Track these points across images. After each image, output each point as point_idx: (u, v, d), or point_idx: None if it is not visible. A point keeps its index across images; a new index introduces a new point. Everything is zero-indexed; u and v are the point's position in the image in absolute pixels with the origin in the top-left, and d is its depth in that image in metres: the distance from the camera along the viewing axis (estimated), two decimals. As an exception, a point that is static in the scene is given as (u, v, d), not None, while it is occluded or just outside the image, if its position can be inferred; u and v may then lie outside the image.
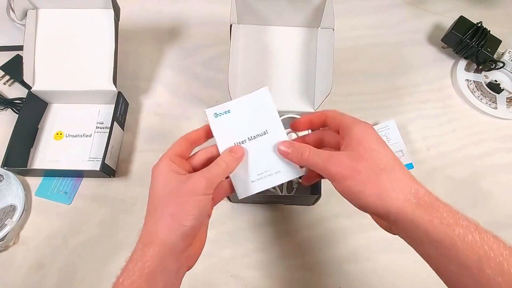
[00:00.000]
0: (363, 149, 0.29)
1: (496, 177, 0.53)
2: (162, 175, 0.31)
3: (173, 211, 0.29)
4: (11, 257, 0.47)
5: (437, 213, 0.26)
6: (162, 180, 0.31)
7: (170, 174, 0.31)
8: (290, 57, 0.50)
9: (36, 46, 0.52)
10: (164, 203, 0.30)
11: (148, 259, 0.28)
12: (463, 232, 0.25)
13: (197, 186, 0.30)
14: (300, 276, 0.47)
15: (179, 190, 0.30)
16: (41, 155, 0.53)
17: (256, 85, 0.50)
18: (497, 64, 0.59)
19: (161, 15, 0.67)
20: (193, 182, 0.30)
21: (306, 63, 0.50)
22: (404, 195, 0.27)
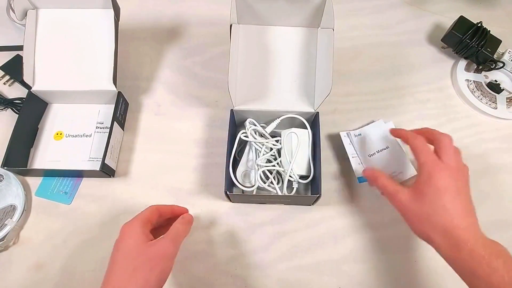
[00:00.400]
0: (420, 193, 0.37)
1: (496, 177, 0.53)
2: (134, 236, 0.35)
3: (144, 276, 0.33)
4: (11, 257, 0.47)
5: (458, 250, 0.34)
6: (134, 240, 0.35)
7: (141, 236, 0.35)
8: (290, 57, 0.50)
9: (36, 46, 0.52)
10: (134, 267, 0.33)
11: None
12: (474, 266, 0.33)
13: (167, 251, 0.35)
14: (300, 276, 0.47)
15: (147, 253, 0.34)
16: (41, 155, 0.53)
17: (256, 85, 0.50)
18: (497, 64, 0.59)
19: (161, 15, 0.67)
20: (162, 248, 0.35)
21: (306, 63, 0.50)
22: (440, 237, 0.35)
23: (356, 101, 0.59)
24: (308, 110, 0.49)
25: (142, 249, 0.34)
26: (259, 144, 0.49)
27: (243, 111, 0.50)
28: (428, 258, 0.47)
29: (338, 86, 0.60)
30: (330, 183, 0.52)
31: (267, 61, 0.50)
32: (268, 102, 0.50)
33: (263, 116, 0.51)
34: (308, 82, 0.50)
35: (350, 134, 0.53)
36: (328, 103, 0.58)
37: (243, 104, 0.49)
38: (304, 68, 0.50)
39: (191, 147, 0.54)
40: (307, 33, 0.50)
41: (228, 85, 0.46)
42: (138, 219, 0.37)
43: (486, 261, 0.32)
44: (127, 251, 0.34)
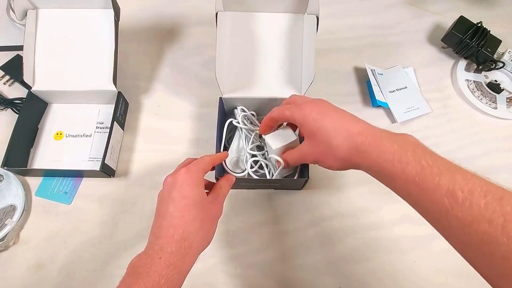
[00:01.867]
0: (309, 135, 0.36)
1: (496, 177, 0.53)
2: (199, 187, 0.35)
3: (207, 227, 0.35)
4: (11, 257, 0.47)
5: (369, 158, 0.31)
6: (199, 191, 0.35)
7: (203, 189, 0.36)
8: (277, 43, 0.50)
9: (36, 46, 0.52)
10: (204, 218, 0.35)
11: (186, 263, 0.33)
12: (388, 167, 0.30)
13: (218, 214, 0.37)
14: (300, 276, 0.47)
15: (213, 211, 0.36)
16: (41, 155, 0.53)
17: (244, 72, 0.50)
18: (497, 64, 0.59)
19: (161, 15, 0.67)
20: (216, 211, 0.37)
21: (293, 49, 0.50)
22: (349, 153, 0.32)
23: (356, 101, 0.59)
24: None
25: (207, 204, 0.35)
26: (249, 131, 0.49)
27: (231, 99, 0.50)
28: (428, 258, 0.47)
29: (338, 86, 0.60)
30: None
31: (254, 48, 0.50)
32: (256, 89, 0.50)
33: (251, 103, 0.51)
34: (295, 69, 0.50)
35: (375, 70, 0.59)
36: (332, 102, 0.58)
37: (232, 92, 0.50)
38: (291, 55, 0.50)
39: (191, 147, 0.54)
40: (294, 19, 0.50)
41: (215, 73, 0.46)
42: (200, 169, 0.36)
43: (397, 157, 0.29)
44: (195, 201, 0.34)
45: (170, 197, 0.34)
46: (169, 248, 0.31)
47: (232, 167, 0.48)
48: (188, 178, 0.35)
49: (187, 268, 0.33)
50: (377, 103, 0.56)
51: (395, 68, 0.62)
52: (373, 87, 0.57)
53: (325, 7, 0.68)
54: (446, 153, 0.56)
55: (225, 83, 0.49)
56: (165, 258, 0.31)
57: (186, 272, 0.33)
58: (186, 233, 0.33)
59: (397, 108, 0.57)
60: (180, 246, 0.32)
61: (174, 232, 0.32)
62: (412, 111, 0.57)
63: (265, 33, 0.50)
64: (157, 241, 0.32)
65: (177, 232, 0.32)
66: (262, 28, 0.50)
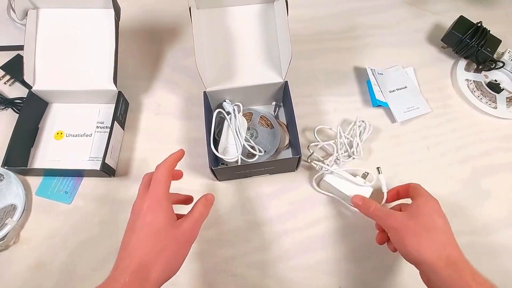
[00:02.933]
0: (418, 212, 0.39)
1: (496, 177, 0.53)
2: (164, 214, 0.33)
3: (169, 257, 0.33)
4: (11, 257, 0.47)
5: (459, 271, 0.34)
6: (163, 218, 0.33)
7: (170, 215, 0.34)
8: (252, 33, 0.51)
9: (36, 46, 0.52)
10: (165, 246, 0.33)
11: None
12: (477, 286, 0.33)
13: (192, 235, 0.35)
14: (300, 276, 0.47)
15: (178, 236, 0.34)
16: (41, 154, 0.53)
17: (224, 65, 0.51)
18: (497, 63, 0.59)
19: (161, 15, 0.67)
20: (188, 235, 0.34)
21: (268, 36, 0.52)
22: (437, 254, 0.35)
23: (355, 100, 0.59)
24: (277, 80, 0.51)
25: (170, 230, 0.33)
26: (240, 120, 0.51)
27: (214, 92, 0.51)
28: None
29: (338, 86, 0.60)
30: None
31: (232, 41, 0.51)
32: (238, 80, 0.51)
33: (236, 93, 0.52)
34: (273, 53, 0.51)
35: (374, 70, 0.59)
36: (328, 103, 0.58)
37: (215, 85, 0.50)
38: (267, 41, 0.52)
39: (192, 146, 0.54)
40: (265, 8, 0.51)
41: (197, 68, 0.46)
42: (162, 190, 0.34)
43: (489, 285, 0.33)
44: (157, 229, 0.33)
45: (132, 228, 0.33)
46: (123, 280, 0.30)
47: (222, 155, 0.49)
48: (151, 203, 0.33)
49: None
50: (377, 103, 0.56)
51: (395, 68, 0.62)
52: (373, 86, 0.57)
53: (325, 7, 0.68)
54: (446, 153, 0.57)
55: (207, 78, 0.50)
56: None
57: None
58: (143, 264, 0.31)
59: (397, 107, 0.57)
60: (135, 277, 0.31)
61: (130, 262, 0.31)
62: (412, 110, 0.57)
63: (239, 25, 0.51)
64: (114, 272, 0.32)
65: (132, 262, 0.31)
66: (236, 21, 0.51)
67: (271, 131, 0.54)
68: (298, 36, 0.64)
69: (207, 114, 0.49)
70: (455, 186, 0.52)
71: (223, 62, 0.51)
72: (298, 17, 0.66)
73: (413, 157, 0.54)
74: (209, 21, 0.51)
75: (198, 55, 0.47)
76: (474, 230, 0.49)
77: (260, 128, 0.54)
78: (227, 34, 0.51)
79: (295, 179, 0.52)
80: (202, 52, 0.50)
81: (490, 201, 0.52)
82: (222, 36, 0.51)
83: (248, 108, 0.56)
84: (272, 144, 0.53)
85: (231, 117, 0.51)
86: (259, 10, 0.51)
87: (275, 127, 0.54)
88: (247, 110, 0.56)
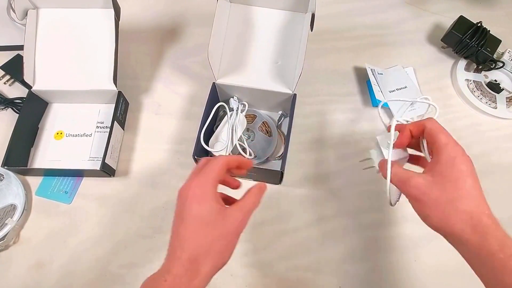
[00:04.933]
0: (442, 177, 0.32)
1: (497, 176, 0.53)
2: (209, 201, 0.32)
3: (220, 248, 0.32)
4: (11, 257, 0.47)
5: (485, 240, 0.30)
6: (209, 206, 0.32)
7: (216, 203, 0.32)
8: (274, 38, 0.51)
9: (36, 46, 0.53)
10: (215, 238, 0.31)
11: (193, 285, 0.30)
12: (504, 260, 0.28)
13: (241, 226, 0.33)
14: (300, 276, 0.47)
15: (228, 228, 0.32)
16: (41, 154, 0.53)
17: (237, 62, 0.51)
18: (497, 63, 0.59)
19: (161, 15, 0.67)
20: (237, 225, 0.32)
21: (289, 46, 0.51)
22: (463, 224, 0.31)
23: (356, 100, 0.59)
24: (286, 91, 0.50)
25: (219, 220, 0.31)
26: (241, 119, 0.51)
27: (224, 85, 0.50)
28: (428, 257, 0.47)
29: (338, 86, 0.60)
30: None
31: (251, 40, 0.51)
32: (247, 80, 0.50)
33: (244, 93, 0.52)
34: (289, 65, 0.51)
35: (374, 70, 0.59)
36: (328, 102, 0.58)
37: (223, 78, 0.50)
38: (286, 51, 0.51)
39: (192, 146, 0.54)
40: (292, 17, 0.51)
41: (208, 57, 0.46)
42: (211, 178, 0.32)
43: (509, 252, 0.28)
44: (205, 222, 0.31)
45: (180, 216, 0.32)
46: (175, 271, 0.30)
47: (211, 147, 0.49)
48: (198, 192, 0.32)
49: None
50: (377, 103, 0.56)
51: (395, 67, 0.62)
52: (373, 86, 0.57)
53: (325, 7, 0.68)
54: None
55: (219, 69, 0.50)
56: (170, 282, 0.29)
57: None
58: (194, 256, 0.31)
59: (397, 108, 0.57)
60: (187, 269, 0.30)
61: (181, 253, 0.31)
62: (412, 111, 0.57)
63: (263, 27, 0.51)
64: (166, 262, 0.31)
65: (184, 253, 0.31)
66: (261, 22, 0.51)
67: (269, 138, 0.54)
68: (298, 36, 0.65)
69: (209, 105, 0.49)
70: (455, 186, 0.52)
71: (237, 58, 0.51)
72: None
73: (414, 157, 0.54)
74: (234, 15, 0.50)
75: (212, 44, 0.46)
76: (474, 230, 0.49)
77: (258, 133, 0.54)
78: (248, 33, 0.51)
79: (294, 183, 0.52)
80: (218, 44, 0.49)
81: (490, 201, 0.51)
82: (242, 33, 0.51)
83: (253, 110, 0.56)
84: (265, 152, 0.52)
85: (232, 114, 0.50)
86: (287, 17, 0.50)
87: (273, 136, 0.54)
88: (252, 112, 0.56)
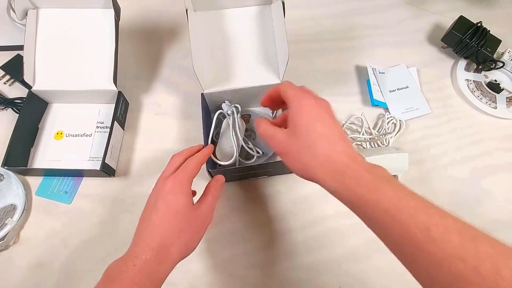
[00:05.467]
0: (295, 126, 0.32)
1: (496, 177, 0.53)
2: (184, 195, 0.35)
3: (187, 238, 0.35)
4: (11, 257, 0.47)
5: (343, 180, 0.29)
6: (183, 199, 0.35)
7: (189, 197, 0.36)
8: (249, 35, 0.52)
9: (36, 46, 0.52)
10: (183, 227, 0.35)
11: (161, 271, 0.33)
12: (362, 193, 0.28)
13: (208, 217, 0.36)
14: (300, 276, 0.47)
15: (196, 218, 0.35)
16: (41, 154, 0.53)
17: (222, 66, 0.51)
18: (497, 63, 0.60)
19: (161, 15, 0.67)
20: (203, 218, 0.36)
21: (265, 38, 0.52)
22: (322, 168, 0.30)
23: (355, 100, 0.59)
24: (275, 80, 0.51)
25: (189, 212, 0.35)
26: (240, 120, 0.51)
27: (213, 93, 0.51)
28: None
29: (338, 86, 0.60)
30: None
31: (229, 43, 0.52)
32: (236, 81, 0.51)
33: (234, 95, 0.52)
34: (271, 54, 0.51)
35: (376, 69, 0.59)
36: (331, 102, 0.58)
37: (213, 87, 0.50)
38: (265, 44, 0.52)
39: (191, 146, 0.54)
40: (262, 10, 0.51)
41: (194, 70, 0.46)
42: (187, 176, 0.36)
43: (372, 185, 0.28)
44: (177, 210, 0.34)
45: (154, 205, 0.35)
46: (144, 256, 0.32)
47: (221, 158, 0.49)
48: (174, 186, 0.35)
49: (161, 276, 0.33)
50: (375, 103, 0.56)
51: (398, 66, 0.62)
52: (372, 86, 0.57)
53: (325, 7, 0.68)
54: (446, 153, 0.57)
55: (205, 79, 0.50)
56: (139, 266, 0.31)
57: (160, 280, 0.33)
58: (163, 242, 0.33)
59: (395, 108, 0.57)
60: (156, 255, 0.32)
61: (151, 240, 0.33)
62: (411, 111, 0.57)
63: (237, 27, 0.51)
64: (134, 248, 0.33)
65: (154, 240, 0.33)
66: (233, 23, 0.51)
67: None
68: (298, 36, 0.65)
69: (205, 116, 0.49)
70: (455, 186, 0.52)
71: (220, 63, 0.51)
72: (298, 17, 0.66)
73: (413, 157, 0.54)
74: (206, 23, 0.51)
75: (195, 56, 0.47)
76: (474, 230, 0.49)
77: None
78: (224, 36, 0.51)
79: (296, 179, 0.52)
80: (200, 54, 0.50)
81: (490, 201, 0.52)
82: (219, 38, 0.51)
83: (246, 110, 0.56)
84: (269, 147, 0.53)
85: (231, 118, 0.51)
86: (256, 12, 0.51)
87: None
88: (245, 112, 0.56)
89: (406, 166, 0.49)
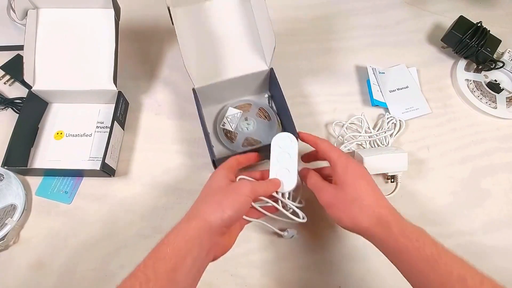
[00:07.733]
0: (342, 182, 0.38)
1: (496, 177, 0.53)
2: (218, 177, 0.40)
3: (219, 199, 0.37)
4: (11, 257, 0.47)
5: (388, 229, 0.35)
6: (216, 180, 0.40)
7: (224, 178, 0.40)
8: (234, 26, 0.52)
9: (36, 46, 0.52)
10: (214, 193, 0.39)
11: (191, 228, 0.35)
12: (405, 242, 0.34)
13: (242, 188, 0.38)
14: (300, 275, 0.47)
15: (227, 187, 0.39)
16: (41, 154, 0.53)
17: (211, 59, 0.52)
18: (496, 63, 0.60)
19: (161, 15, 0.66)
20: (239, 185, 0.39)
21: (250, 27, 0.52)
22: (369, 219, 0.36)
23: (355, 100, 0.59)
24: (263, 66, 0.51)
25: (223, 187, 0.39)
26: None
27: (203, 87, 0.51)
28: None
29: (338, 86, 0.60)
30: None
31: (215, 36, 0.52)
32: (227, 73, 0.51)
33: (224, 87, 0.52)
34: (255, 41, 0.52)
35: (376, 69, 0.59)
36: (328, 102, 0.58)
37: (203, 81, 0.51)
38: (248, 30, 0.52)
39: (192, 146, 0.54)
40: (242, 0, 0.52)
41: (184, 66, 0.47)
42: (222, 166, 0.42)
43: (415, 236, 0.34)
44: (212, 189, 0.39)
45: (202, 190, 0.41)
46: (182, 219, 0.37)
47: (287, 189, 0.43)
48: (212, 175, 0.41)
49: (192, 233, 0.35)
50: (374, 103, 0.56)
51: (399, 66, 0.62)
52: (372, 86, 0.57)
53: (325, 7, 0.68)
54: (446, 153, 0.56)
55: (197, 75, 0.50)
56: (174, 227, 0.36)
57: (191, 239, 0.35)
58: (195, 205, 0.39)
59: (395, 108, 0.57)
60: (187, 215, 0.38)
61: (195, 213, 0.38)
62: (411, 111, 0.57)
63: (220, 19, 0.52)
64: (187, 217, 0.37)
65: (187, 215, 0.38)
66: (216, 15, 0.52)
67: (269, 122, 0.55)
68: (298, 36, 0.65)
69: (200, 111, 0.50)
70: (455, 186, 0.52)
71: (210, 57, 0.52)
72: (298, 17, 0.66)
73: (413, 157, 0.54)
74: (190, 19, 0.51)
75: (184, 53, 0.47)
76: (474, 230, 0.49)
77: (258, 119, 0.55)
78: (210, 30, 0.52)
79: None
80: (188, 51, 0.50)
81: (490, 201, 0.52)
82: (204, 32, 0.52)
83: (247, 100, 0.57)
84: (270, 135, 0.51)
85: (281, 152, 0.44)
86: (237, 2, 0.51)
87: (272, 119, 0.55)
88: (246, 101, 0.56)
89: (406, 166, 0.49)
